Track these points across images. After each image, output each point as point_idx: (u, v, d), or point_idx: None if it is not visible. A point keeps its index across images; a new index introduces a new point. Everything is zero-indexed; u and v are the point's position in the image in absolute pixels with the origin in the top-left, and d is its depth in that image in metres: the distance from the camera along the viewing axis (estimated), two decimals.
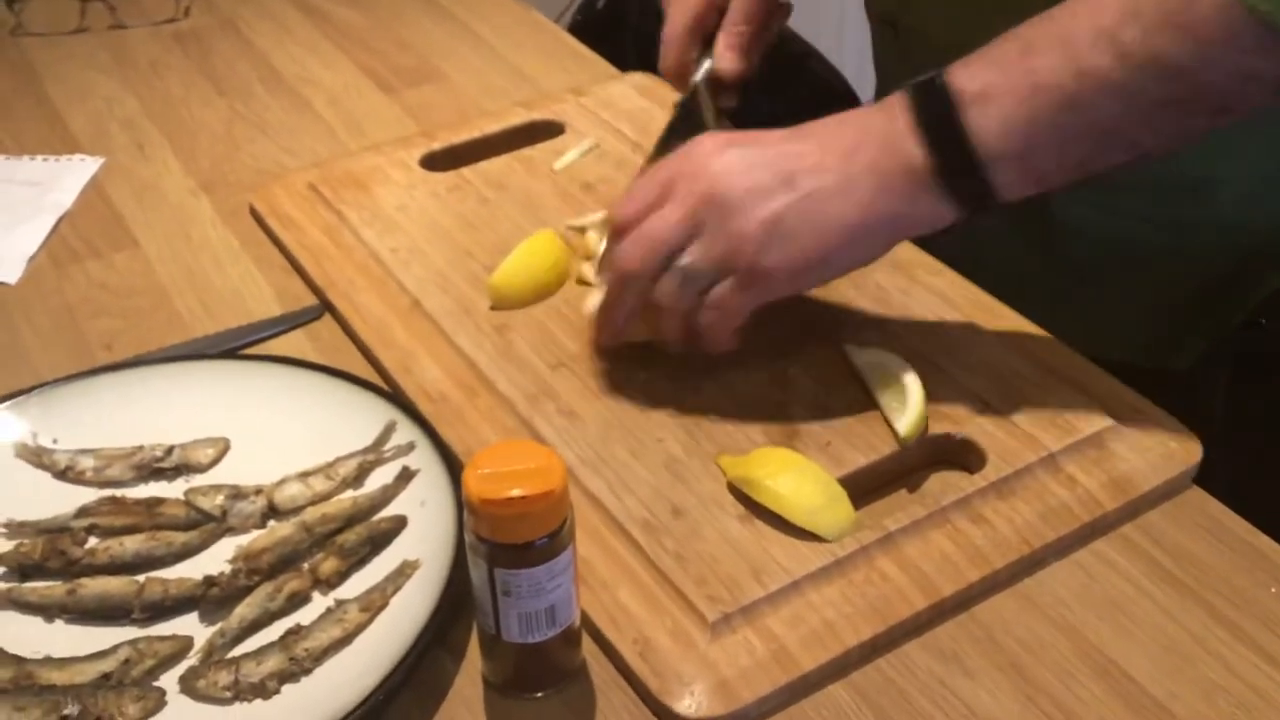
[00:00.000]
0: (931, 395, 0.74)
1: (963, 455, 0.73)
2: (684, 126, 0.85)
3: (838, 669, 0.63)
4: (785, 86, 0.88)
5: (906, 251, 0.86)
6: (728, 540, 0.67)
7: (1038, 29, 0.67)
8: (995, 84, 0.66)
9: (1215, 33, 0.62)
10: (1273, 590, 0.65)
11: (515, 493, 0.55)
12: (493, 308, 0.84)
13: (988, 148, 0.67)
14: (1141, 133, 0.67)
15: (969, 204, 0.69)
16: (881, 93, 1.12)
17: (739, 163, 0.70)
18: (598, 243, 0.86)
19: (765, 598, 0.64)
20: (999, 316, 0.81)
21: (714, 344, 0.74)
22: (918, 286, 0.84)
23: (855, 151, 0.69)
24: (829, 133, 0.71)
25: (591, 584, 0.65)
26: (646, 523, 0.68)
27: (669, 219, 0.71)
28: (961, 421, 0.73)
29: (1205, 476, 0.72)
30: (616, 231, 0.74)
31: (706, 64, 0.88)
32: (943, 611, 0.65)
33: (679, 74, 0.88)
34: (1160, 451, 0.72)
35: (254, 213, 0.96)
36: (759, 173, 0.70)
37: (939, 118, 0.67)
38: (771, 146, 0.71)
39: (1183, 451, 0.72)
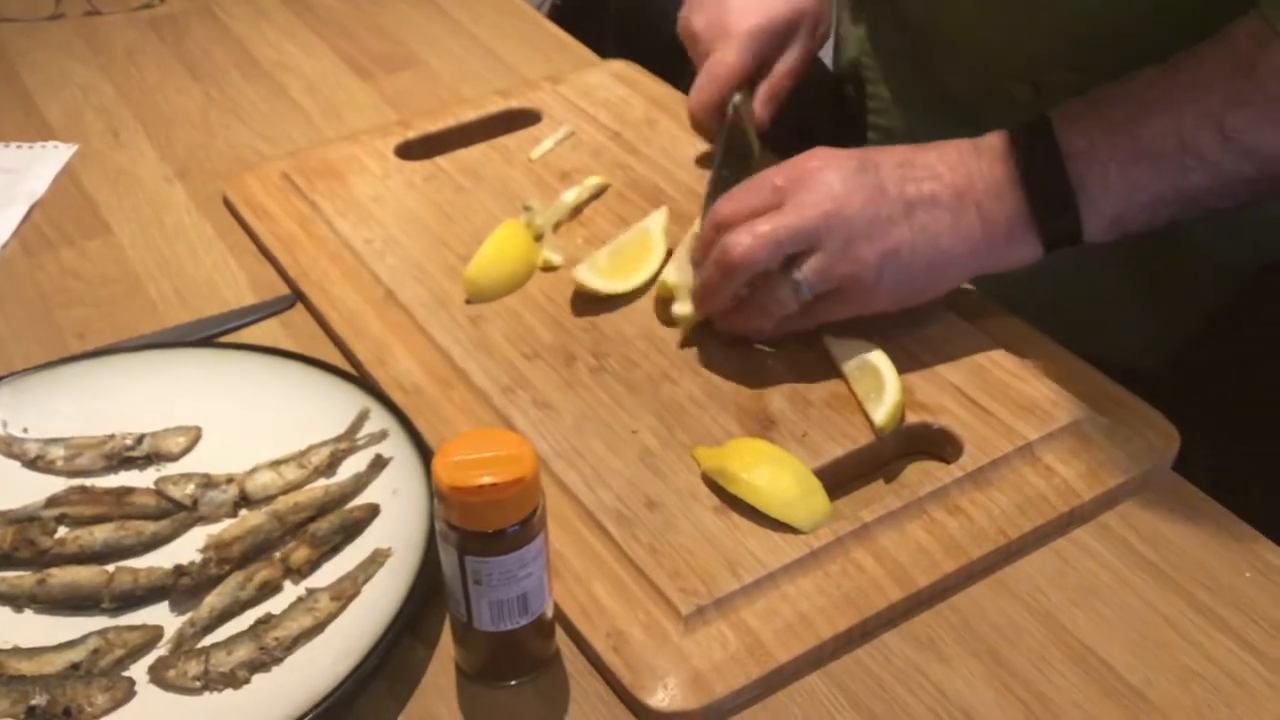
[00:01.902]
0: (908, 385, 0.74)
1: (940, 445, 0.72)
2: (732, 152, 0.87)
3: (813, 661, 0.62)
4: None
5: None
6: (702, 532, 0.67)
7: (1148, 97, 0.70)
8: (1099, 144, 0.71)
9: None
10: (1248, 575, 0.66)
11: (485, 480, 0.55)
12: (468, 301, 0.83)
13: (1086, 201, 0.71)
14: (1224, 200, 0.71)
15: (1055, 245, 0.74)
16: (845, 65, 1.10)
17: (863, 187, 0.73)
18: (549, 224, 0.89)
19: (740, 590, 0.64)
20: (977, 308, 0.81)
21: (758, 333, 0.78)
22: None
23: (967, 191, 0.73)
24: (941, 164, 0.74)
25: (565, 577, 0.65)
26: (620, 515, 0.68)
27: (786, 224, 0.72)
28: (938, 411, 0.73)
29: (1186, 463, 0.72)
30: (719, 225, 0.75)
31: (738, 96, 0.88)
32: (918, 602, 0.65)
33: (712, 114, 0.88)
34: (1138, 442, 0.71)
35: (227, 202, 0.96)
36: (882, 201, 0.73)
37: (1046, 171, 0.72)
38: (888, 169, 0.74)
39: (1160, 441, 0.71)
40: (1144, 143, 0.70)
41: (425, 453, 0.69)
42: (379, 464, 0.70)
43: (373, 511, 0.68)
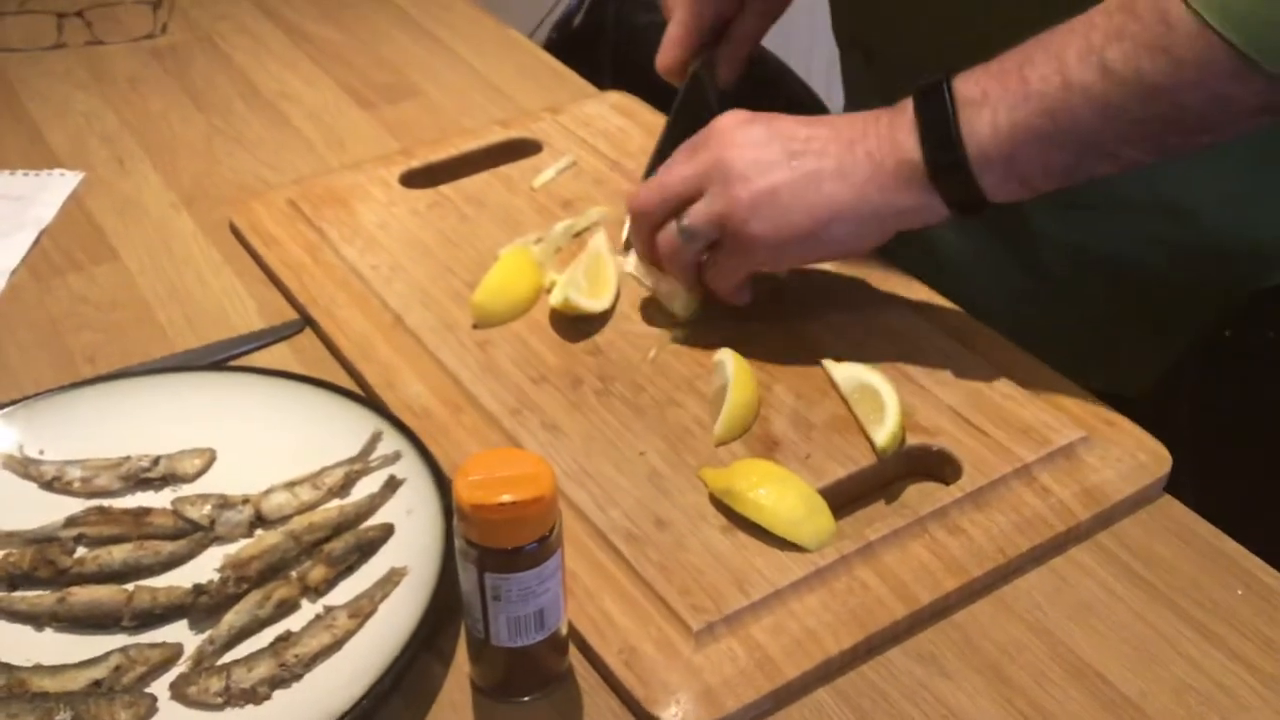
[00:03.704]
0: (907, 408, 0.76)
1: (939, 466, 0.74)
2: (688, 110, 0.92)
3: (820, 676, 0.64)
4: (761, 105, 0.90)
5: (886, 271, 0.88)
6: (711, 551, 0.68)
7: (1038, 43, 0.71)
8: (991, 90, 0.72)
9: (1192, 57, 0.66)
10: (1239, 592, 0.67)
11: (505, 498, 0.56)
12: (475, 326, 0.85)
13: (976, 148, 0.72)
14: (1121, 146, 0.71)
15: (957, 201, 0.74)
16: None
17: (753, 137, 0.77)
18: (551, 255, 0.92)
19: (748, 607, 0.65)
20: (974, 333, 0.83)
21: (720, 296, 0.82)
22: (895, 304, 0.86)
23: (858, 141, 0.75)
24: (840, 123, 0.77)
25: (577, 595, 0.66)
26: (630, 534, 0.69)
27: (680, 173, 0.79)
28: (937, 434, 0.75)
29: (1172, 483, 0.74)
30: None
31: (697, 61, 0.92)
32: (922, 619, 0.66)
33: (677, 73, 0.93)
34: (1130, 462, 0.73)
35: (234, 230, 0.97)
36: (767, 148, 0.76)
37: (936, 116, 0.73)
38: (785, 127, 0.77)
39: (1153, 462, 0.74)
40: (1030, 84, 0.70)
41: (438, 474, 0.71)
42: (393, 485, 0.72)
43: (388, 531, 0.69)
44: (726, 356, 0.78)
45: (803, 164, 0.75)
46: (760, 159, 0.76)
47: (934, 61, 0.74)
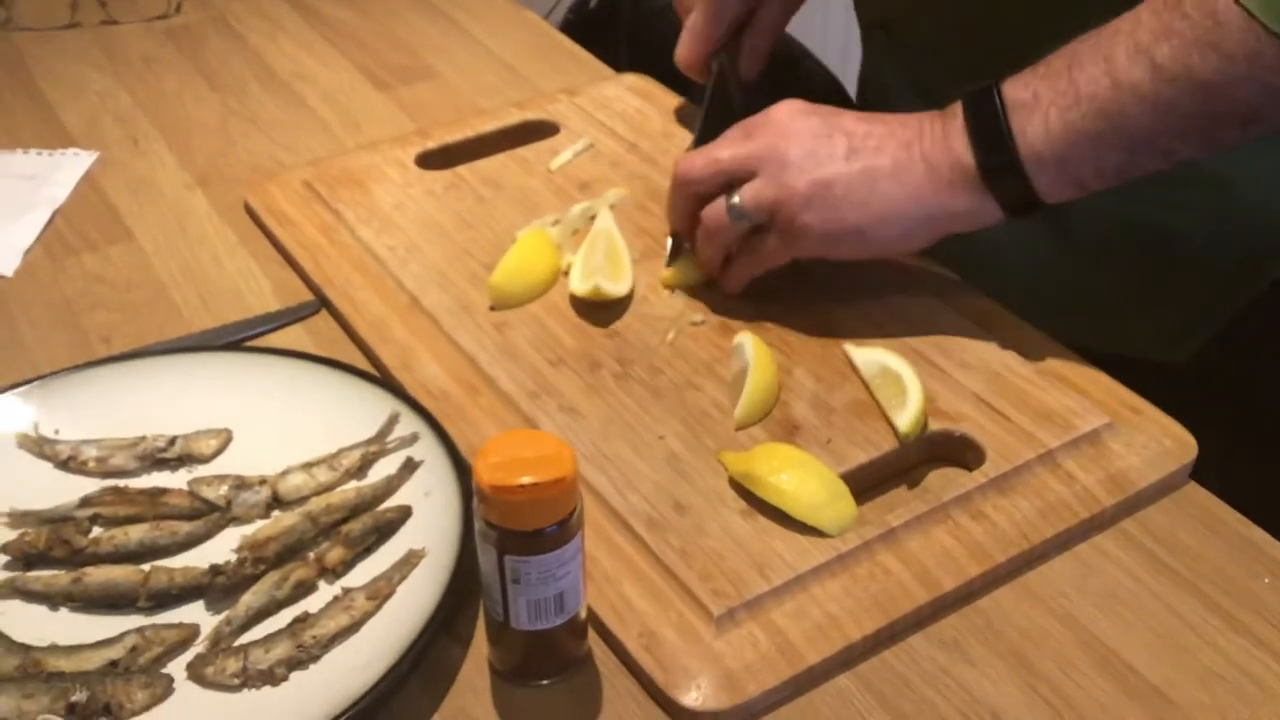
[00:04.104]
0: (929, 393, 0.75)
1: (962, 452, 0.73)
2: (719, 108, 0.91)
3: (841, 662, 0.63)
4: (781, 88, 0.89)
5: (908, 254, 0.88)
6: (731, 535, 0.68)
7: (1085, 45, 0.72)
8: (1041, 93, 0.72)
9: (1242, 52, 0.66)
10: (1266, 580, 0.67)
11: (526, 480, 0.56)
12: (493, 308, 0.84)
13: (1028, 149, 0.72)
14: (1174, 142, 0.71)
15: (1011, 204, 0.75)
16: (869, 94, 1.13)
17: (811, 127, 0.77)
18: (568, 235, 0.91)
19: (769, 592, 0.65)
20: (995, 317, 0.82)
21: (731, 283, 0.83)
22: (915, 287, 0.85)
23: (914, 141, 0.76)
24: (895, 122, 0.77)
25: (597, 579, 0.66)
26: (650, 518, 0.69)
27: (733, 151, 0.79)
28: (960, 419, 0.74)
29: (1197, 469, 0.73)
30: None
31: (721, 55, 0.92)
32: (944, 605, 0.66)
33: (698, 69, 0.93)
34: (1156, 449, 0.73)
35: (249, 210, 0.96)
36: (825, 141, 0.77)
37: (987, 120, 0.73)
38: (844, 122, 0.78)
39: (1178, 448, 0.73)
40: (1080, 86, 0.71)
41: (456, 456, 0.70)
42: (410, 466, 0.71)
43: (405, 513, 0.69)
44: (746, 339, 0.78)
45: (859, 160, 0.76)
46: (818, 151, 0.76)
47: (955, 38, 0.74)
